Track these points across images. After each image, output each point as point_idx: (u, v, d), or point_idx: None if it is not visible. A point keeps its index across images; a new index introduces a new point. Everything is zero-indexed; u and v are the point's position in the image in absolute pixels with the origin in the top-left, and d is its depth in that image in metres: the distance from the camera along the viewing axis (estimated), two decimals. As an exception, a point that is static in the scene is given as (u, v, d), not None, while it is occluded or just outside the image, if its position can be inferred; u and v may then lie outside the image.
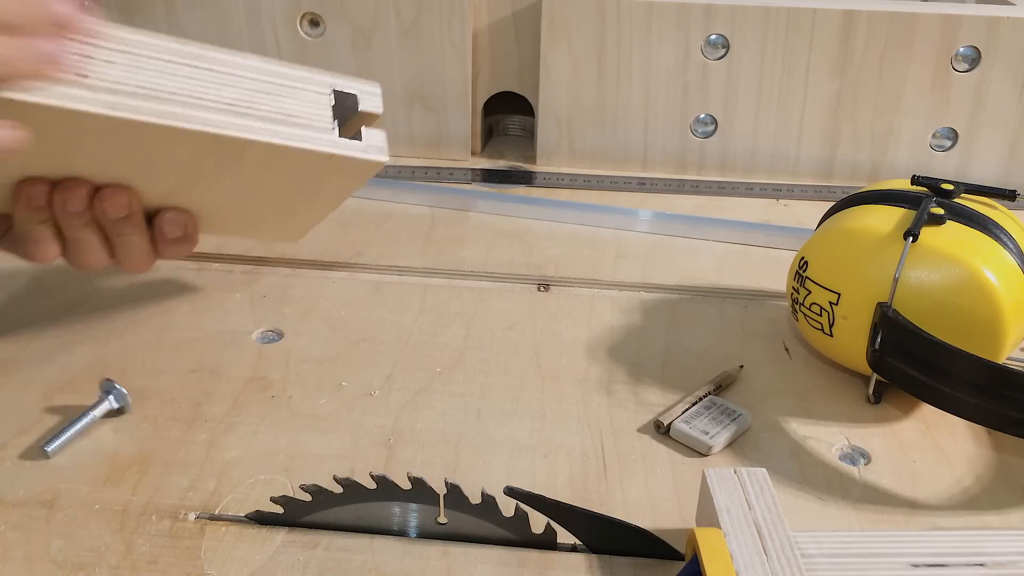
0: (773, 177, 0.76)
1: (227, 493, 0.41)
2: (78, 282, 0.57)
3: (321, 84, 0.46)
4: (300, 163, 0.45)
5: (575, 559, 0.38)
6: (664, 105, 0.75)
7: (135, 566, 0.37)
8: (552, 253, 0.64)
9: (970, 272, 0.44)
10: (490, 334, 0.54)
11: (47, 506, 0.40)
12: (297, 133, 0.44)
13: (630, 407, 0.47)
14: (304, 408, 0.47)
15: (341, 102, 0.46)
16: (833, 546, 0.35)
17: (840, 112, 0.73)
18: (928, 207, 0.46)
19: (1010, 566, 0.34)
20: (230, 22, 0.74)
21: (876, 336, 0.45)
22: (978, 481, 0.43)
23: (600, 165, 0.77)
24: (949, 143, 0.74)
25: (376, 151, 0.47)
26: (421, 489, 0.38)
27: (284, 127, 0.43)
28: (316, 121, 0.45)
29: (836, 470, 0.44)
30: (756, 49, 0.72)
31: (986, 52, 0.70)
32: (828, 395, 0.49)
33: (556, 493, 0.39)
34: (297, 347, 0.52)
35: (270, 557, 0.38)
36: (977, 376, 0.41)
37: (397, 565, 0.37)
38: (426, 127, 0.78)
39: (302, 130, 0.44)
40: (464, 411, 0.47)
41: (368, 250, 0.63)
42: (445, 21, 0.73)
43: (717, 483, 0.37)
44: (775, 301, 0.58)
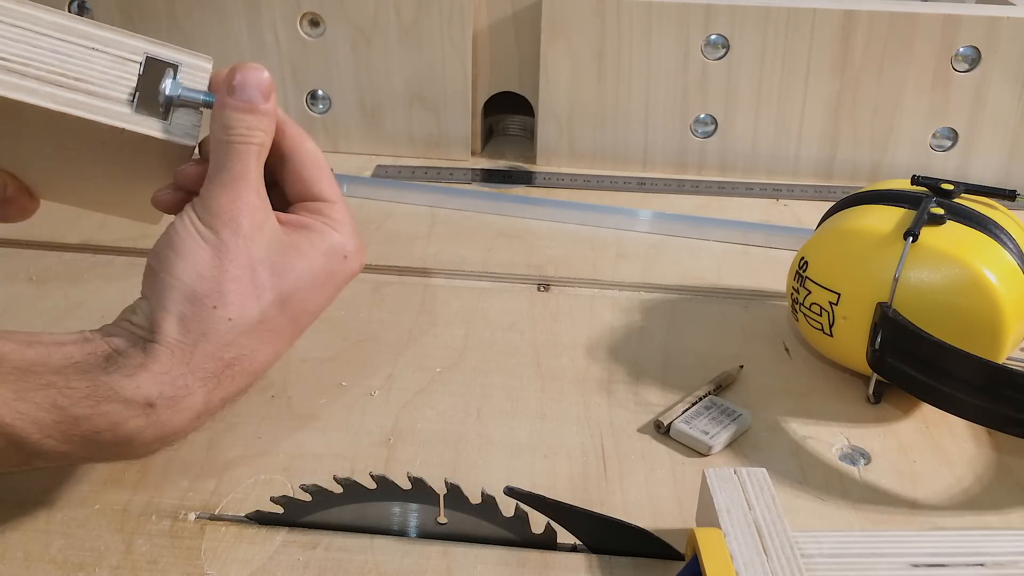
0: (773, 177, 0.76)
1: (227, 493, 0.41)
2: (78, 282, 0.57)
3: (133, 50, 0.40)
4: (91, 134, 0.40)
5: (575, 559, 0.38)
6: (664, 105, 0.75)
7: (135, 566, 0.37)
8: (552, 253, 0.64)
9: (970, 272, 0.44)
10: (490, 334, 0.54)
11: (47, 506, 0.40)
12: (80, 100, 0.39)
13: (630, 407, 0.47)
14: (304, 408, 0.47)
15: (153, 72, 0.40)
16: (833, 546, 0.35)
17: (840, 112, 0.73)
18: (928, 207, 0.46)
19: (1010, 566, 0.34)
20: (230, 22, 0.74)
21: (876, 336, 0.45)
22: (978, 481, 0.43)
23: (600, 165, 0.77)
24: (949, 143, 0.74)
25: (182, 133, 0.41)
26: (421, 489, 0.38)
27: (66, 91, 0.38)
28: (110, 89, 0.39)
29: (836, 470, 0.44)
30: (756, 49, 0.72)
31: (986, 52, 0.70)
32: (828, 395, 0.49)
33: (556, 493, 0.39)
34: (297, 347, 0.51)
35: (270, 557, 0.38)
36: (977, 376, 0.41)
37: (397, 565, 0.37)
38: (426, 127, 0.78)
39: (87, 97, 0.39)
40: (464, 411, 0.47)
41: (368, 250, 0.63)
42: (445, 21, 0.73)
43: (717, 483, 0.37)
44: (775, 301, 0.58)
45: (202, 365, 0.36)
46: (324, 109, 0.78)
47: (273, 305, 0.38)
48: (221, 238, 0.37)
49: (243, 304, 0.37)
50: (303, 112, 0.78)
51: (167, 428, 0.36)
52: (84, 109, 0.39)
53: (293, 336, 0.40)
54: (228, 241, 0.37)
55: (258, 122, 0.39)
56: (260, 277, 0.38)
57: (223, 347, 0.36)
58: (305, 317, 0.40)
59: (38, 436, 0.33)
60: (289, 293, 0.38)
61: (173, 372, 0.35)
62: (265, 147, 0.40)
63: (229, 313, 0.36)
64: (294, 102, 0.78)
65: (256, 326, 0.37)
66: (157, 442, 0.36)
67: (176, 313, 0.36)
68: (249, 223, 0.38)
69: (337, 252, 0.41)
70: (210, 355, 0.36)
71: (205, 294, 0.36)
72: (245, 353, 0.37)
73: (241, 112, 0.39)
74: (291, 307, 0.39)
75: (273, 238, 0.39)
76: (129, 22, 0.74)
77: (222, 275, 0.37)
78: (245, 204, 0.38)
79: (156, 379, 0.35)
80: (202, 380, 0.36)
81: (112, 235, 0.63)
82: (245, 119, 0.39)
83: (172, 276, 0.36)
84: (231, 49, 0.75)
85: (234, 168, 0.38)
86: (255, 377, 0.39)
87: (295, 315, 0.39)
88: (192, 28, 0.75)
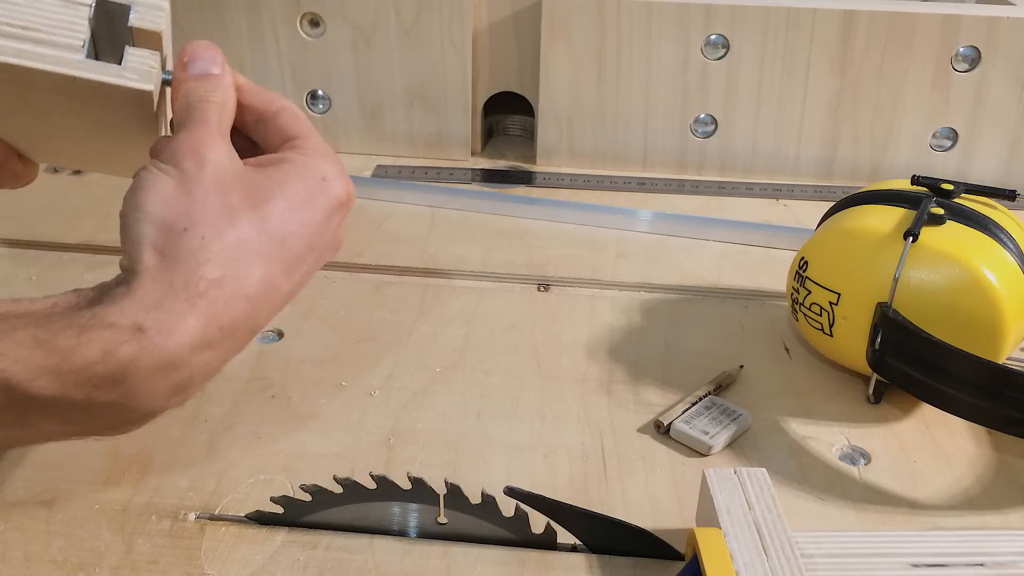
0: (773, 177, 0.76)
1: (227, 493, 0.41)
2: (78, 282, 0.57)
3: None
4: (47, 85, 0.39)
5: (575, 559, 0.38)
6: (664, 105, 0.75)
7: (135, 566, 0.37)
8: (552, 253, 0.64)
9: (970, 272, 0.44)
10: (490, 334, 0.54)
11: (47, 506, 0.40)
12: (28, 49, 0.37)
13: (630, 407, 0.47)
14: (304, 408, 0.47)
15: (106, 15, 0.39)
16: (833, 546, 0.35)
17: (840, 112, 0.73)
18: (928, 207, 0.46)
19: (1010, 566, 0.34)
20: (230, 22, 0.74)
21: (876, 336, 0.45)
22: (978, 481, 0.43)
23: (600, 165, 0.77)
24: (949, 143, 0.74)
25: (136, 77, 0.39)
26: (421, 489, 0.38)
27: (13, 42, 0.37)
28: (60, 36, 0.38)
29: (836, 470, 0.44)
30: (756, 49, 0.72)
31: (986, 52, 0.70)
32: (828, 395, 0.49)
33: (556, 493, 0.39)
34: (297, 347, 0.52)
35: (270, 557, 0.38)
36: (977, 376, 0.41)
37: (397, 565, 0.37)
38: (426, 127, 0.78)
39: (36, 46, 0.37)
40: (464, 411, 0.47)
41: (368, 250, 0.63)
42: (445, 21, 0.73)
43: (717, 483, 0.37)
44: (775, 301, 0.58)
45: (185, 286, 0.35)
46: (324, 109, 0.78)
47: (250, 224, 0.37)
48: (183, 168, 0.37)
49: (215, 222, 0.36)
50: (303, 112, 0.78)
51: (163, 354, 0.34)
52: (33, 59, 0.37)
53: (287, 263, 0.39)
54: (191, 170, 0.37)
55: (214, 86, 0.40)
56: (230, 199, 0.37)
57: (202, 265, 0.35)
58: (293, 241, 0.39)
59: (25, 376, 0.32)
60: (264, 214, 0.38)
61: (157, 295, 0.34)
62: (225, 105, 0.40)
63: (201, 231, 0.36)
64: (294, 102, 0.77)
65: (235, 245, 0.36)
66: (157, 376, 0.34)
67: (149, 243, 0.35)
68: (214, 155, 0.37)
69: (312, 174, 0.40)
70: (191, 274, 0.35)
71: (174, 219, 0.36)
72: (228, 273, 0.36)
73: (195, 81, 0.40)
74: (270, 228, 0.38)
75: (242, 169, 0.38)
76: (129, 22, 0.74)
77: (189, 199, 0.36)
78: (209, 139, 0.38)
79: (141, 303, 0.34)
80: (189, 301, 0.35)
81: (112, 235, 0.62)
82: (201, 85, 0.40)
83: (140, 211, 0.36)
84: (231, 49, 0.75)
85: (193, 117, 0.39)
86: (254, 307, 0.37)
87: (278, 237, 0.38)
88: (192, 28, 0.75)
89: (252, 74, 0.76)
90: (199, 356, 0.35)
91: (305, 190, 0.39)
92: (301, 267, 0.40)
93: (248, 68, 0.76)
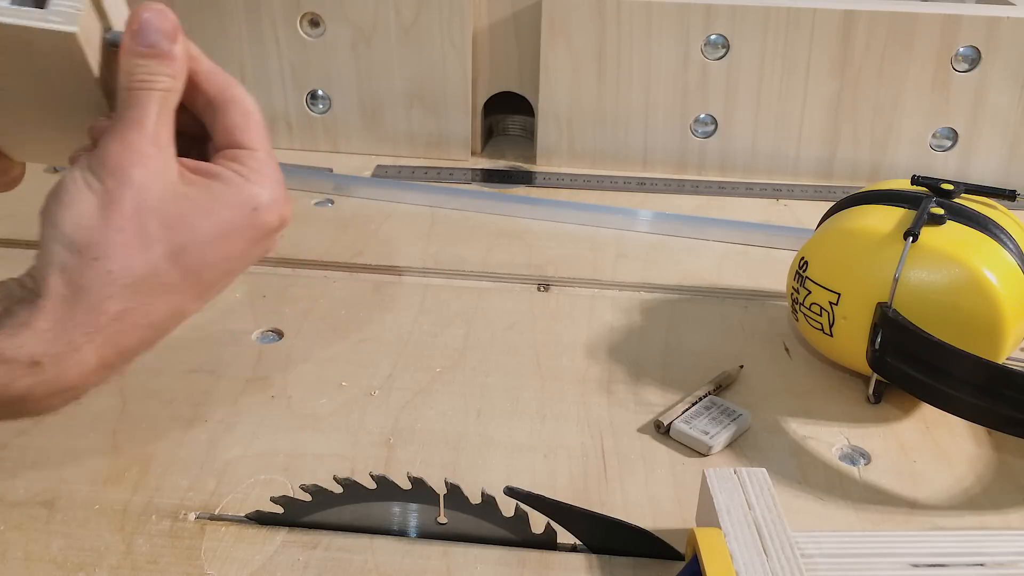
0: (773, 177, 0.76)
1: (227, 493, 0.41)
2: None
3: None
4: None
5: (575, 559, 0.38)
6: (664, 105, 0.75)
7: (135, 566, 0.37)
8: (552, 253, 0.64)
9: (970, 272, 0.44)
10: (490, 334, 0.54)
11: (47, 506, 0.40)
12: None
13: (630, 407, 0.47)
14: (304, 408, 0.47)
15: None
16: (833, 546, 0.35)
17: (840, 112, 0.73)
18: (928, 207, 0.46)
19: (1010, 566, 0.34)
20: (230, 22, 0.74)
21: (876, 336, 0.45)
22: (978, 481, 0.43)
23: (600, 165, 0.77)
24: (949, 143, 0.74)
25: (59, 19, 0.36)
26: (421, 489, 0.38)
27: None
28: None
29: (836, 470, 0.44)
30: (756, 49, 0.72)
31: (986, 52, 0.70)
32: (828, 395, 0.49)
33: (556, 493, 0.39)
34: (297, 347, 0.52)
35: (270, 557, 0.38)
36: (977, 376, 0.41)
37: (397, 565, 0.37)
38: (426, 127, 0.78)
39: None
40: (464, 411, 0.47)
41: (368, 250, 0.63)
42: (445, 21, 0.73)
43: (717, 483, 0.37)
44: (775, 301, 0.58)
45: (85, 320, 0.34)
46: (324, 109, 0.78)
47: (164, 258, 0.36)
48: (106, 187, 0.35)
49: (127, 256, 0.35)
50: (303, 112, 0.78)
51: (58, 385, 0.35)
52: None
53: (198, 292, 0.38)
54: (113, 190, 0.35)
55: (162, 66, 0.37)
56: (148, 228, 0.35)
57: (105, 300, 0.35)
58: (208, 272, 0.37)
59: None
60: (182, 245, 0.36)
61: (56, 328, 0.34)
62: (171, 93, 0.38)
63: (110, 265, 0.35)
64: (294, 102, 0.78)
65: (144, 279, 0.35)
66: (53, 398, 0.35)
67: (59, 265, 0.35)
68: (140, 172, 0.35)
69: (244, 203, 0.38)
70: (92, 308, 0.35)
71: (86, 244, 0.35)
72: (133, 306, 0.35)
73: (142, 57, 0.37)
74: (186, 260, 0.36)
75: (168, 188, 0.36)
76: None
77: (105, 225, 0.35)
78: (136, 152, 0.36)
79: (39, 336, 0.34)
80: (87, 335, 0.35)
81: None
82: (147, 64, 0.37)
83: (54, 227, 0.35)
84: (231, 49, 0.75)
85: (129, 115, 0.36)
86: (156, 331, 0.37)
87: (193, 269, 0.37)
88: (192, 28, 0.74)
89: (252, 74, 0.76)
90: (95, 376, 0.36)
91: (232, 221, 0.37)
92: (214, 289, 0.39)
93: (248, 68, 0.76)
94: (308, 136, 0.79)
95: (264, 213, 0.38)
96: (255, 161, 0.39)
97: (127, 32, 0.37)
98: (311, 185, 0.72)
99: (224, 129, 0.39)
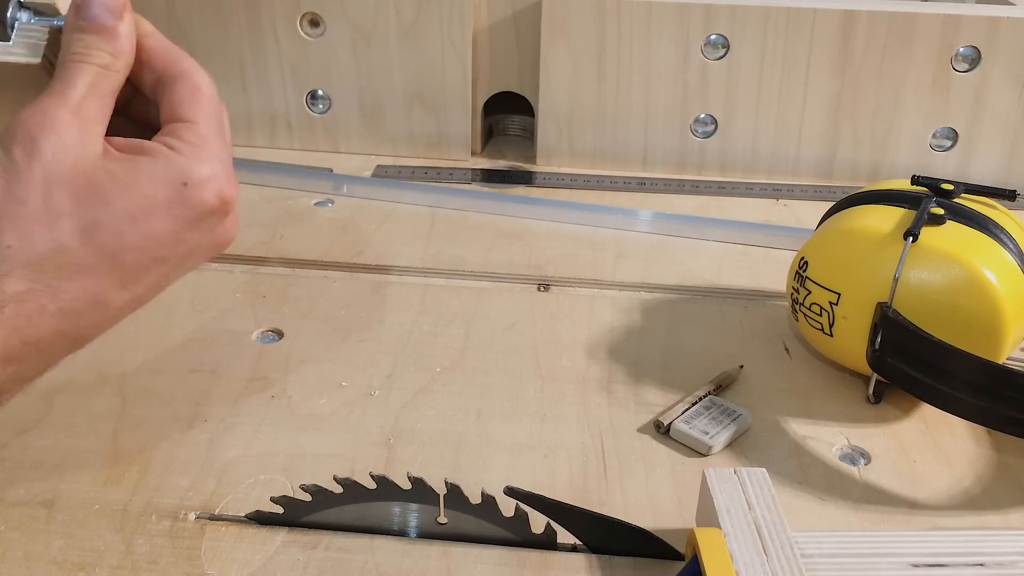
0: (773, 177, 0.76)
1: (227, 493, 0.41)
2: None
3: None
4: None
5: (575, 559, 0.38)
6: (664, 105, 0.75)
7: (135, 566, 0.37)
8: (552, 253, 0.64)
9: (970, 272, 0.44)
10: (490, 334, 0.54)
11: (47, 506, 0.40)
12: None
13: (630, 407, 0.47)
14: (304, 408, 0.47)
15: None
16: (833, 546, 0.35)
17: (840, 112, 0.73)
18: (928, 207, 0.46)
19: (1010, 566, 0.34)
20: (230, 22, 0.74)
21: (876, 336, 0.45)
22: (978, 481, 0.43)
23: (600, 165, 0.77)
24: (949, 143, 0.74)
25: (23, 51, 0.36)
26: (421, 489, 0.38)
27: None
28: None
29: (836, 470, 0.44)
30: (756, 49, 0.72)
31: (986, 52, 0.70)
32: (828, 395, 0.49)
33: (556, 493, 0.39)
34: (297, 347, 0.52)
35: (270, 557, 0.38)
36: (977, 376, 0.41)
37: (397, 565, 0.37)
38: (426, 127, 0.78)
39: None
40: (464, 411, 0.47)
41: (368, 250, 0.63)
42: (445, 21, 0.73)
43: (717, 483, 0.37)
44: (775, 301, 0.58)
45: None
46: (324, 109, 0.78)
47: (73, 234, 0.33)
48: (12, 157, 0.33)
49: (28, 230, 0.32)
50: (303, 112, 0.78)
51: None
52: None
53: (119, 276, 0.34)
54: (19, 160, 0.33)
55: (102, 42, 0.35)
56: (56, 201, 0.33)
57: (3, 278, 0.32)
58: (130, 254, 0.34)
59: None
60: (95, 221, 0.33)
61: None
62: (109, 72, 0.35)
63: (8, 239, 0.32)
64: (294, 102, 0.78)
65: (50, 256, 0.33)
66: None
67: None
68: (52, 142, 0.33)
69: (172, 177, 0.34)
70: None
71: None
72: (38, 287, 0.32)
73: (80, 31, 0.35)
74: (100, 238, 0.33)
75: (85, 160, 0.33)
76: (129, 22, 0.74)
77: (5, 197, 0.32)
78: (51, 121, 0.33)
79: None
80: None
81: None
82: (84, 38, 0.35)
83: None
84: (231, 49, 0.75)
85: (54, 86, 0.34)
86: (72, 322, 0.34)
87: (110, 249, 0.34)
88: (192, 28, 0.75)
89: (252, 74, 0.76)
90: (4, 372, 0.33)
91: (156, 197, 0.34)
92: (145, 278, 0.36)
93: (248, 68, 0.76)
94: (308, 136, 0.79)
95: (197, 189, 0.35)
96: (192, 134, 0.36)
97: (71, 7, 0.36)
98: (311, 185, 0.72)
99: (168, 104, 0.36)
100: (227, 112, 0.39)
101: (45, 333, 0.33)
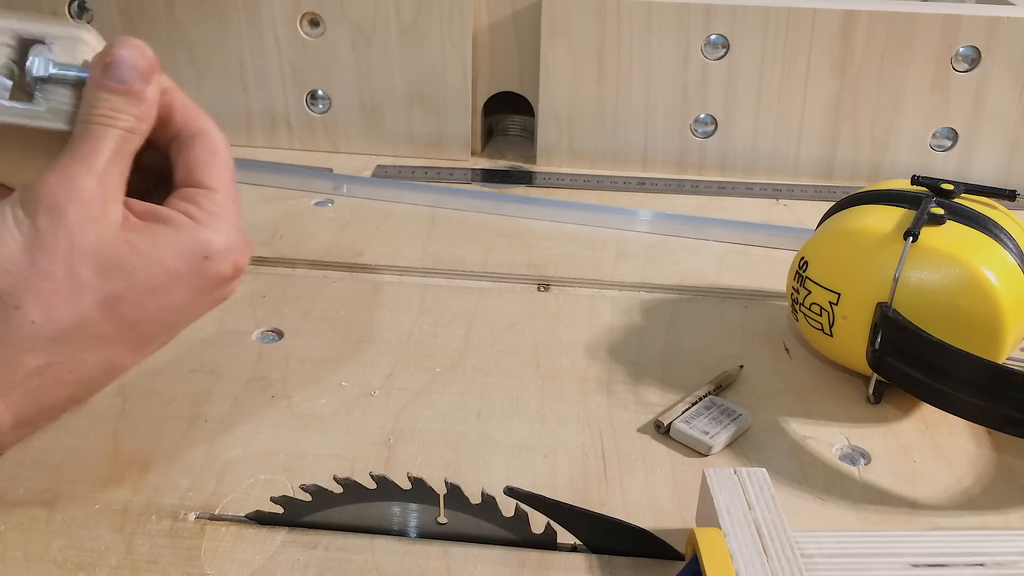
0: (773, 177, 0.76)
1: (227, 493, 0.41)
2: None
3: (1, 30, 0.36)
4: None
5: (575, 559, 0.38)
6: (664, 105, 0.75)
7: (135, 566, 0.37)
8: (552, 253, 0.64)
9: (970, 272, 0.44)
10: (490, 334, 0.54)
11: (47, 506, 0.40)
12: None
13: (630, 407, 0.47)
14: (304, 408, 0.47)
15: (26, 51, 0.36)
16: (833, 546, 0.35)
17: (840, 112, 0.73)
18: (928, 207, 0.46)
19: (1010, 566, 0.34)
20: (230, 22, 0.74)
21: (876, 336, 0.45)
22: (978, 481, 0.43)
23: (600, 165, 0.77)
24: (949, 143, 0.74)
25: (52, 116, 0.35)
26: (421, 489, 0.38)
27: None
28: None
29: (836, 470, 0.44)
30: (756, 49, 0.72)
31: (986, 52, 0.70)
32: (828, 395, 0.49)
33: (556, 493, 0.40)
34: (297, 347, 0.52)
35: (270, 557, 0.38)
36: (977, 376, 0.41)
37: (397, 565, 0.37)
38: (426, 127, 0.78)
39: None
40: (464, 411, 0.47)
41: (368, 250, 0.63)
42: (445, 21, 0.73)
43: (717, 483, 0.37)
44: (775, 301, 0.58)
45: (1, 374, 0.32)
46: (324, 109, 0.78)
47: (96, 308, 0.33)
48: (37, 227, 0.32)
49: (53, 305, 0.32)
50: (303, 112, 0.78)
51: None
52: None
53: (135, 345, 0.35)
54: (44, 230, 0.32)
55: (128, 105, 0.34)
56: (80, 275, 0.32)
57: (25, 353, 0.32)
58: (147, 325, 0.34)
59: None
60: (118, 295, 0.33)
61: None
62: (134, 134, 0.35)
63: (32, 315, 0.32)
64: (294, 102, 0.78)
65: (72, 331, 0.33)
66: None
67: None
68: (77, 212, 0.32)
69: (194, 251, 0.35)
70: (8, 362, 0.32)
71: (8, 290, 0.31)
72: (59, 360, 0.33)
73: (108, 91, 0.34)
74: (122, 311, 0.33)
75: (107, 232, 0.33)
76: (129, 22, 0.74)
77: (30, 269, 0.32)
78: (76, 190, 0.33)
79: None
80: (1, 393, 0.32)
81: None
82: (112, 100, 0.34)
83: None
84: (231, 49, 0.75)
85: (79, 148, 0.33)
86: (86, 388, 0.34)
87: (131, 322, 0.34)
88: (192, 28, 0.75)
89: (252, 74, 0.76)
90: (12, 434, 0.33)
91: (178, 270, 0.34)
92: (156, 342, 0.36)
93: (248, 68, 0.76)
94: (308, 136, 0.79)
95: (216, 262, 0.35)
96: (212, 203, 0.36)
97: (98, 63, 0.35)
98: (311, 185, 0.72)
99: (185, 165, 0.36)
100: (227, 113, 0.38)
101: (60, 400, 0.34)
